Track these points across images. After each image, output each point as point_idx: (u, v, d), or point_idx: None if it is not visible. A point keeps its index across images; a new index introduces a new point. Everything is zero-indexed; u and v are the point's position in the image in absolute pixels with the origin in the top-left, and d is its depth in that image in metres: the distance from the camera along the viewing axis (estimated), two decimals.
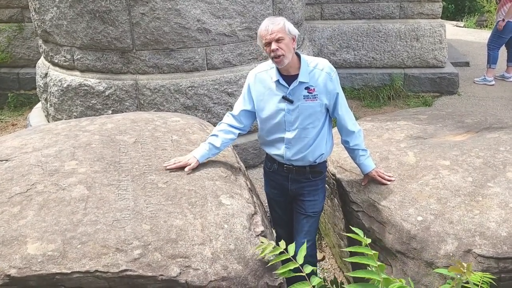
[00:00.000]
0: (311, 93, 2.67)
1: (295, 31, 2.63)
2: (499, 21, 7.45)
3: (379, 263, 1.85)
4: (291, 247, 2.15)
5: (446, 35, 7.34)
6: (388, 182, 2.93)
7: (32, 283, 2.10)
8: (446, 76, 7.25)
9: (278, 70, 2.69)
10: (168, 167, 2.75)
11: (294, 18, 5.42)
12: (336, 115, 2.80)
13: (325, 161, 2.96)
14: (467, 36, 11.06)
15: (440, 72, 7.27)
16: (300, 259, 2.09)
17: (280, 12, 5.14)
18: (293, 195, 2.92)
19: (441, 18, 7.45)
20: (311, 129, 2.74)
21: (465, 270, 1.73)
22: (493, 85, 7.60)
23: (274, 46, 2.55)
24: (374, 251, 1.89)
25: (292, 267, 2.08)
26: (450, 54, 8.16)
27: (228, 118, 2.87)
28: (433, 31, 7.16)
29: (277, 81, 2.69)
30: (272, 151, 2.87)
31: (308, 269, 1.99)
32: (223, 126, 2.85)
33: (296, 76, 2.67)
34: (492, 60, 7.61)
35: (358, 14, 7.28)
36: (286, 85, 2.68)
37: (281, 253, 2.16)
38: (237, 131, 2.87)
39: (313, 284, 1.92)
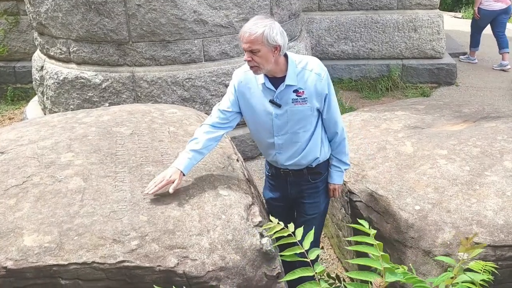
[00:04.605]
0: (300, 96, 2.45)
1: (279, 39, 2.32)
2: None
3: (382, 253, 1.81)
4: (298, 231, 2.01)
5: (444, 25, 7.32)
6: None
7: (28, 275, 2.09)
8: (444, 66, 7.23)
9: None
10: (150, 193, 2.39)
11: (292, 9, 5.40)
12: (324, 116, 2.58)
13: (325, 161, 2.74)
14: (465, 27, 10.99)
15: (438, 63, 7.25)
16: (307, 244, 1.94)
17: (277, 3, 5.12)
18: (293, 198, 2.81)
19: (439, 8, 7.42)
20: (302, 133, 2.54)
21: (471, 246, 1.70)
22: (476, 63, 8.15)
23: (246, 56, 2.35)
24: (378, 242, 1.85)
25: (298, 251, 1.93)
26: (448, 44, 8.15)
27: (211, 118, 2.61)
28: (431, 21, 7.13)
29: (263, 83, 2.47)
30: (266, 156, 2.75)
31: (313, 255, 1.88)
32: (204, 128, 2.57)
33: (283, 78, 2.44)
34: (474, 44, 8.21)
35: (356, 5, 7.24)
36: (273, 88, 2.46)
37: (288, 235, 2.03)
38: (222, 131, 2.59)
39: (316, 271, 1.87)
